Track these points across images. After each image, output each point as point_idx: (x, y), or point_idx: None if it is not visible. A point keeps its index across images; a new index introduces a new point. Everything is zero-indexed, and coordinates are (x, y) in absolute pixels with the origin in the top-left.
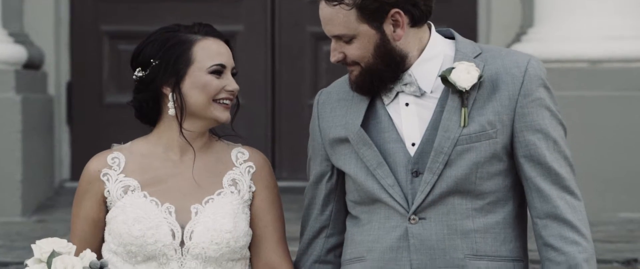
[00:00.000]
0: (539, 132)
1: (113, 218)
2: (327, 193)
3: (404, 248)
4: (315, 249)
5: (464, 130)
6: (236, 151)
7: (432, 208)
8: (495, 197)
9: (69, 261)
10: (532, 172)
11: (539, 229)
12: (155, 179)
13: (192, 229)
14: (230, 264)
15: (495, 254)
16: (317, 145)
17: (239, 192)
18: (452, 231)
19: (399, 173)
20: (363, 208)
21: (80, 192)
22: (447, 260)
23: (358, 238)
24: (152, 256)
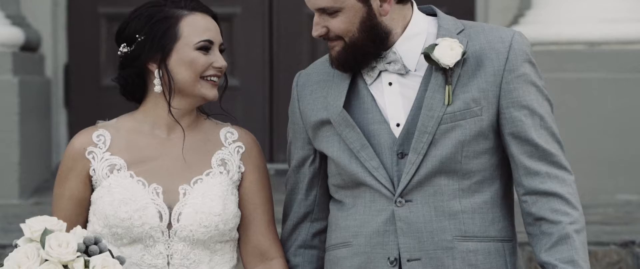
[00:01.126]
0: (525, 108)
1: (99, 199)
2: (310, 178)
3: (391, 232)
4: (300, 234)
5: (448, 108)
6: (225, 131)
7: (418, 190)
8: (481, 176)
9: (63, 237)
10: (519, 149)
11: (528, 206)
12: (142, 158)
13: (180, 211)
14: (218, 246)
15: (483, 234)
16: (297, 129)
17: (228, 173)
18: (439, 213)
19: (383, 155)
20: (346, 192)
21: (64, 170)
22: (435, 242)
23: (343, 222)
24: (139, 238)
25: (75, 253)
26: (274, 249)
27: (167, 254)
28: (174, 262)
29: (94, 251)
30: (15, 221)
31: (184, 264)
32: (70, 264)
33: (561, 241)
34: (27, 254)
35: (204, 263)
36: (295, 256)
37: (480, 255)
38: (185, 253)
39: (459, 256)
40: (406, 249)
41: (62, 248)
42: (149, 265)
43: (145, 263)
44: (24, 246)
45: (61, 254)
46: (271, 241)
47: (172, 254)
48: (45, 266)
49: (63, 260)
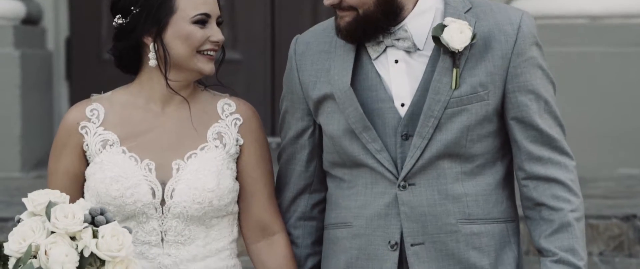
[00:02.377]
0: (531, 92)
1: (91, 175)
2: (311, 149)
3: (393, 215)
4: (299, 206)
5: (454, 92)
6: (222, 103)
7: (422, 174)
8: (484, 159)
9: (69, 209)
10: (523, 134)
11: (529, 191)
12: (135, 133)
13: (173, 187)
14: (214, 221)
15: (487, 217)
16: (296, 99)
17: (224, 146)
18: (443, 196)
19: (387, 136)
20: (344, 170)
21: (59, 146)
22: (439, 226)
23: (343, 202)
24: (132, 215)
25: (82, 223)
26: (275, 223)
27: (160, 230)
28: (168, 238)
29: (101, 221)
30: (17, 194)
31: (179, 241)
32: (78, 234)
33: (562, 228)
34: (33, 227)
35: (199, 239)
36: (295, 228)
37: (485, 237)
38: (180, 229)
39: (463, 239)
40: (410, 234)
41: (69, 219)
42: (143, 242)
43: (139, 239)
44: (29, 220)
45: (68, 225)
46: (273, 216)
47: (166, 230)
48: (52, 238)
49: (70, 231)
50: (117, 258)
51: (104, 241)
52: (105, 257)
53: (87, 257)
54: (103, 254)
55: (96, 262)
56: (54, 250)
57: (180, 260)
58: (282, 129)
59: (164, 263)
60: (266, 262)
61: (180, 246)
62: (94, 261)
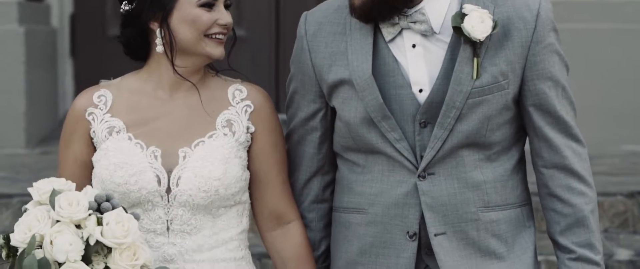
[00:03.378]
0: (549, 79)
1: (97, 162)
2: (323, 132)
3: (411, 205)
4: (312, 189)
5: (476, 82)
6: (233, 89)
7: (441, 163)
8: (501, 147)
9: (73, 196)
10: (541, 121)
11: (545, 179)
12: (143, 119)
13: (179, 175)
14: (222, 211)
15: (505, 203)
16: (308, 80)
17: (233, 134)
18: (462, 185)
19: (405, 123)
20: (358, 155)
21: (67, 133)
22: (459, 215)
23: (357, 188)
24: (137, 203)
25: (87, 210)
26: (290, 212)
27: (166, 219)
28: (174, 227)
29: (106, 208)
30: (22, 170)
31: (185, 230)
32: (83, 222)
33: (577, 223)
34: (38, 217)
35: (206, 229)
36: (309, 211)
37: (503, 224)
38: (186, 218)
39: (483, 227)
40: (432, 224)
41: (73, 206)
42: (148, 230)
43: (144, 227)
44: (34, 210)
45: (72, 213)
46: (287, 204)
47: (172, 219)
48: (57, 227)
49: (75, 219)
50: (123, 244)
51: (108, 228)
52: (111, 244)
53: (93, 245)
54: (108, 242)
55: (103, 250)
56: (59, 239)
57: (185, 250)
58: (290, 109)
59: (168, 252)
60: (281, 251)
61: (186, 236)
62: (101, 249)
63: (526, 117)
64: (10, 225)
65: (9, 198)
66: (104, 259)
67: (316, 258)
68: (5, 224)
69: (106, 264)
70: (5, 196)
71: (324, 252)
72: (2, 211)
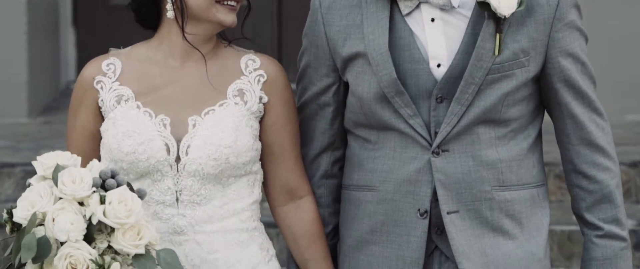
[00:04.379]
0: (571, 55)
1: (105, 131)
2: (335, 107)
3: (424, 182)
4: (321, 164)
5: (496, 58)
6: (246, 59)
7: (456, 140)
8: (518, 124)
9: (77, 173)
10: (568, 97)
11: (570, 155)
12: (152, 88)
13: (188, 143)
14: (232, 180)
15: (520, 182)
16: (322, 54)
17: (245, 103)
18: (477, 163)
19: (419, 99)
20: (370, 131)
21: (75, 102)
22: (473, 194)
23: (368, 165)
24: (146, 173)
25: (91, 188)
26: (303, 186)
27: (175, 190)
28: (183, 198)
29: (111, 185)
30: (24, 139)
31: (194, 201)
32: (86, 200)
33: (604, 199)
34: (40, 193)
35: (216, 199)
36: (318, 187)
37: (517, 204)
38: (195, 188)
39: (497, 206)
40: (444, 201)
41: (76, 184)
42: (157, 201)
43: (154, 199)
44: (37, 185)
45: (75, 190)
46: (300, 178)
47: (182, 189)
48: (60, 205)
49: (77, 197)
50: (126, 224)
51: (111, 208)
52: (113, 224)
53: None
54: (111, 222)
55: (106, 228)
56: (60, 218)
57: (195, 221)
58: (301, 83)
59: (178, 224)
60: (293, 226)
61: (196, 206)
62: (104, 227)
63: (551, 94)
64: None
65: (11, 168)
66: (107, 238)
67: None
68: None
69: (109, 243)
70: (8, 165)
71: (333, 229)
72: (5, 180)
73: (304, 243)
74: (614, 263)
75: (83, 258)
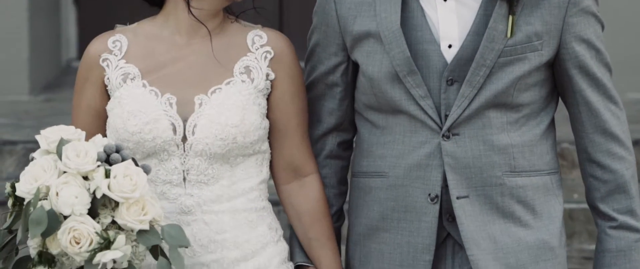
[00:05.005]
0: (586, 42)
1: (110, 110)
2: (344, 87)
3: (434, 167)
4: (327, 144)
5: (509, 41)
6: (253, 34)
7: (467, 123)
8: (530, 109)
9: (82, 147)
10: (583, 84)
11: (584, 143)
12: (158, 66)
13: (195, 122)
14: (240, 160)
15: (532, 169)
16: (331, 32)
17: (252, 81)
18: (488, 147)
19: (430, 80)
20: (379, 115)
21: (81, 80)
22: (483, 179)
23: (377, 151)
24: (152, 152)
25: (95, 162)
26: (308, 164)
27: (182, 169)
28: (191, 178)
29: (116, 159)
30: (25, 117)
31: (202, 180)
32: (90, 174)
33: (618, 189)
34: (44, 167)
35: (224, 179)
36: (323, 167)
37: (529, 190)
38: (203, 168)
39: (508, 192)
40: (454, 186)
41: (81, 157)
42: (164, 181)
43: (160, 178)
44: (41, 159)
45: (79, 164)
46: (305, 156)
47: (189, 169)
48: (64, 179)
49: (82, 171)
50: (131, 199)
51: (116, 182)
52: (118, 198)
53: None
54: (115, 196)
55: (111, 203)
56: (64, 191)
57: (203, 201)
58: (310, 62)
59: (185, 203)
60: (297, 205)
61: (203, 186)
62: (108, 202)
63: (566, 80)
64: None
65: (13, 145)
66: (111, 213)
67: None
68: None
69: (113, 218)
70: (9, 143)
71: (337, 211)
72: (6, 158)
73: (307, 221)
74: (629, 255)
75: (87, 231)
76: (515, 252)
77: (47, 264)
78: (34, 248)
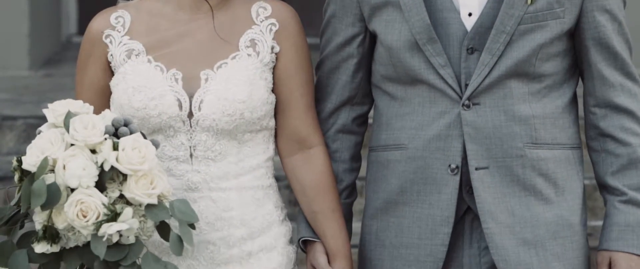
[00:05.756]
0: (608, 12)
1: (115, 86)
2: (359, 59)
3: (454, 137)
4: (340, 118)
5: (529, 7)
6: (257, 6)
7: (488, 93)
8: (552, 80)
9: (89, 120)
10: (598, 57)
11: (596, 118)
12: (162, 41)
13: (201, 98)
14: (247, 136)
15: (554, 142)
16: (348, 3)
17: (257, 54)
18: (509, 118)
19: (451, 49)
20: (398, 87)
21: (83, 57)
22: (504, 150)
23: (396, 123)
24: (158, 129)
25: (103, 135)
26: (313, 136)
27: (189, 145)
28: (198, 154)
29: (124, 132)
30: (25, 92)
31: (209, 157)
32: (98, 147)
33: (630, 165)
34: (51, 139)
35: (231, 155)
36: (334, 141)
37: (551, 163)
38: (210, 144)
39: (529, 164)
40: (474, 157)
41: (88, 130)
42: (170, 157)
43: (166, 155)
44: (48, 132)
45: (87, 136)
46: (310, 128)
47: (195, 145)
48: (71, 151)
49: (89, 143)
50: (139, 171)
51: (124, 154)
52: (126, 171)
53: (108, 171)
54: (124, 168)
55: (118, 176)
56: (72, 164)
57: (210, 178)
58: (325, 35)
59: (192, 180)
60: (302, 178)
61: (211, 163)
62: (116, 176)
63: (582, 51)
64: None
65: (13, 120)
66: (119, 187)
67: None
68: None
69: (121, 192)
70: (10, 118)
71: (348, 187)
72: (7, 133)
73: (312, 194)
74: (637, 231)
75: (94, 204)
76: (533, 227)
77: (51, 239)
78: (39, 223)
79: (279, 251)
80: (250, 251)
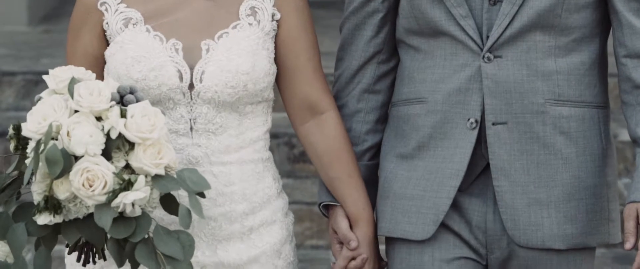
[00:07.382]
0: None
1: (111, 56)
2: (385, 14)
3: (475, 90)
4: (364, 76)
5: None
6: None
7: (510, 45)
8: (581, 33)
9: (95, 86)
10: (626, 5)
11: (628, 70)
12: (161, 10)
13: (202, 69)
14: (248, 108)
15: (578, 99)
16: None
17: (258, 23)
18: (532, 72)
19: (472, 0)
20: (421, 39)
21: (76, 25)
22: (525, 105)
23: (418, 76)
24: (157, 101)
25: (109, 101)
26: (324, 100)
27: (189, 118)
28: (198, 127)
29: (131, 100)
30: (24, 48)
31: (209, 129)
32: (104, 114)
33: None
34: (54, 106)
35: (232, 128)
36: (359, 101)
37: (574, 122)
38: (211, 116)
39: (550, 121)
40: (492, 111)
41: (94, 96)
42: (170, 130)
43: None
44: (49, 98)
45: (93, 103)
46: (320, 91)
47: (196, 118)
48: (76, 118)
49: (95, 109)
50: (148, 139)
51: (133, 121)
52: (135, 139)
53: (115, 139)
54: (132, 136)
55: (125, 145)
56: (77, 130)
57: (211, 151)
58: None
59: (193, 154)
60: (316, 144)
61: (211, 136)
62: (122, 145)
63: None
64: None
65: (12, 76)
66: (125, 156)
67: (361, 152)
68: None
69: (127, 162)
70: (9, 73)
71: (371, 148)
72: (5, 88)
73: (327, 161)
74: None
75: (101, 173)
76: (548, 187)
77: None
78: (38, 194)
79: (278, 224)
80: (252, 227)
